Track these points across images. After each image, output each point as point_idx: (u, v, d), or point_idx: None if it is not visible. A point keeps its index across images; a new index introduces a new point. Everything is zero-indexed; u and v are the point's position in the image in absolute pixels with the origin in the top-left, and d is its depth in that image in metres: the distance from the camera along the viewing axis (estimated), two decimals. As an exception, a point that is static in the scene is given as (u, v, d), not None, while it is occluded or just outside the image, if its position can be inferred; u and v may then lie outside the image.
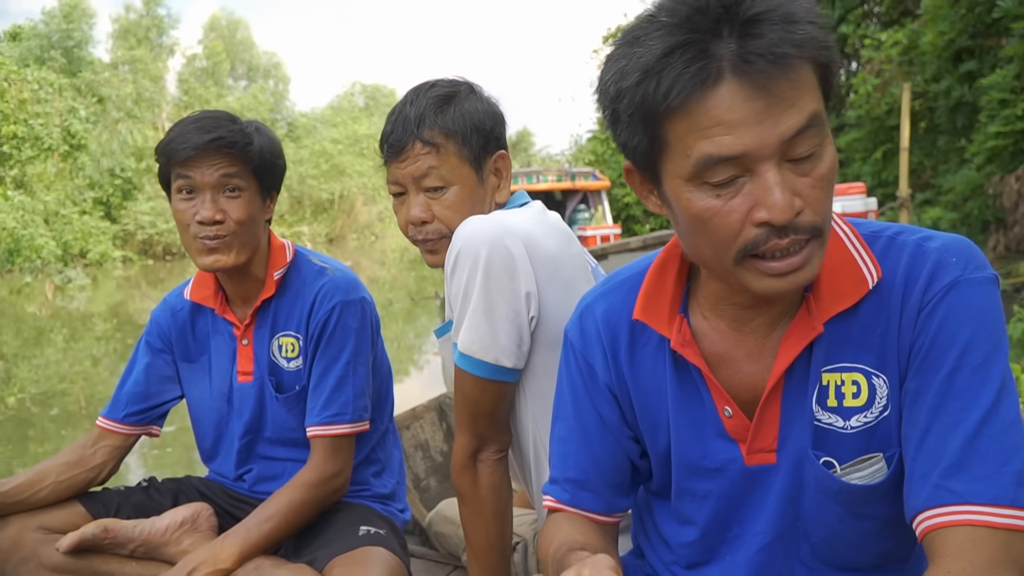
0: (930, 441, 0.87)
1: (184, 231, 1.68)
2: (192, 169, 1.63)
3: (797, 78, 0.81)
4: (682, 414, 1.05)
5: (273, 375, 1.78)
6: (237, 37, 48.35)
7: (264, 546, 1.61)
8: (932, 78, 10.86)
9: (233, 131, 1.65)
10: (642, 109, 0.84)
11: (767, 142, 0.81)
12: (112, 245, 29.06)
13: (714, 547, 1.08)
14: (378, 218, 45.77)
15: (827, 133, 0.85)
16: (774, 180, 0.82)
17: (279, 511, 1.63)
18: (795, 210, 0.83)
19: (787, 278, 0.87)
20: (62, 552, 1.62)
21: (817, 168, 0.84)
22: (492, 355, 1.35)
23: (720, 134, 0.81)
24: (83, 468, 1.77)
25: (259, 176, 1.69)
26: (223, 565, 1.55)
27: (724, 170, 0.83)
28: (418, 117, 1.47)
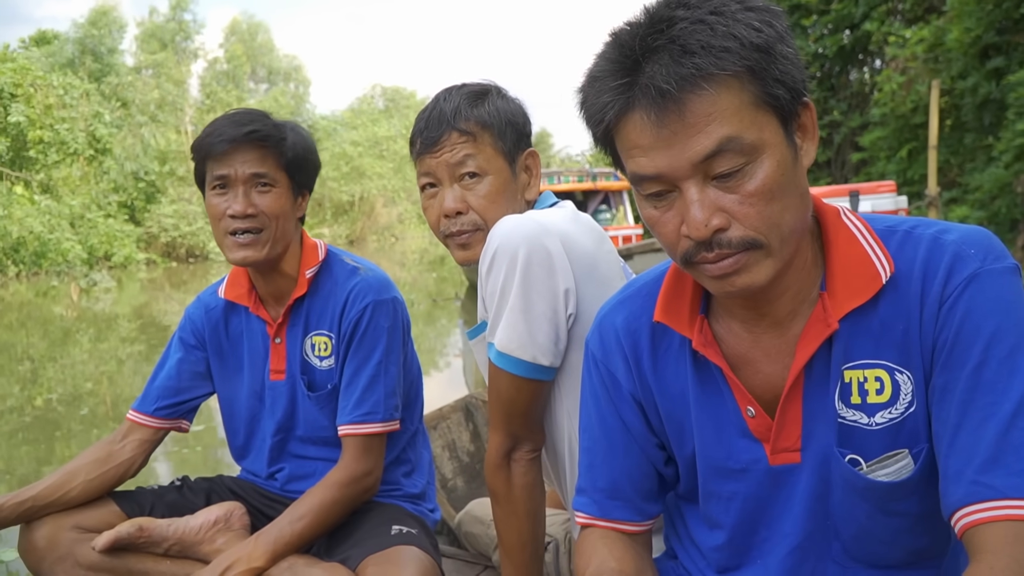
0: (962, 437, 0.86)
1: (216, 226, 1.69)
2: (226, 164, 1.65)
3: (704, 107, 0.83)
4: (705, 415, 1.05)
5: (305, 374, 1.78)
6: (258, 40, 48.80)
7: (297, 545, 1.62)
8: (958, 75, 10.73)
9: (267, 125, 1.67)
10: (591, 128, 0.93)
11: (677, 165, 0.86)
12: (136, 248, 29.37)
13: (743, 551, 1.08)
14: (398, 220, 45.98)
15: (762, 151, 0.85)
16: (692, 198, 0.86)
17: (311, 510, 1.64)
18: (712, 227, 0.86)
19: (727, 280, 0.89)
20: (98, 551, 1.64)
21: (745, 185, 0.85)
22: (529, 353, 1.34)
23: (638, 155, 0.88)
24: (112, 464, 1.78)
25: (291, 172, 1.71)
26: (257, 563, 1.56)
27: (651, 186, 0.89)
28: (453, 111, 1.48)
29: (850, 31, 14.23)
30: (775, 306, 0.98)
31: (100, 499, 1.76)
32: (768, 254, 0.88)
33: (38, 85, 26.16)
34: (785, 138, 0.88)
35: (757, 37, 0.83)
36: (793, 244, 0.91)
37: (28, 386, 8.42)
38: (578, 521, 1.15)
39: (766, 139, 0.86)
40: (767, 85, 0.85)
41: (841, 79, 15.05)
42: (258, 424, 1.86)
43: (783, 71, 0.85)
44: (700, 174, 0.86)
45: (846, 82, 15.06)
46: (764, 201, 0.86)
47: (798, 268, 0.96)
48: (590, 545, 1.11)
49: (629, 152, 0.90)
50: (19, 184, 25.83)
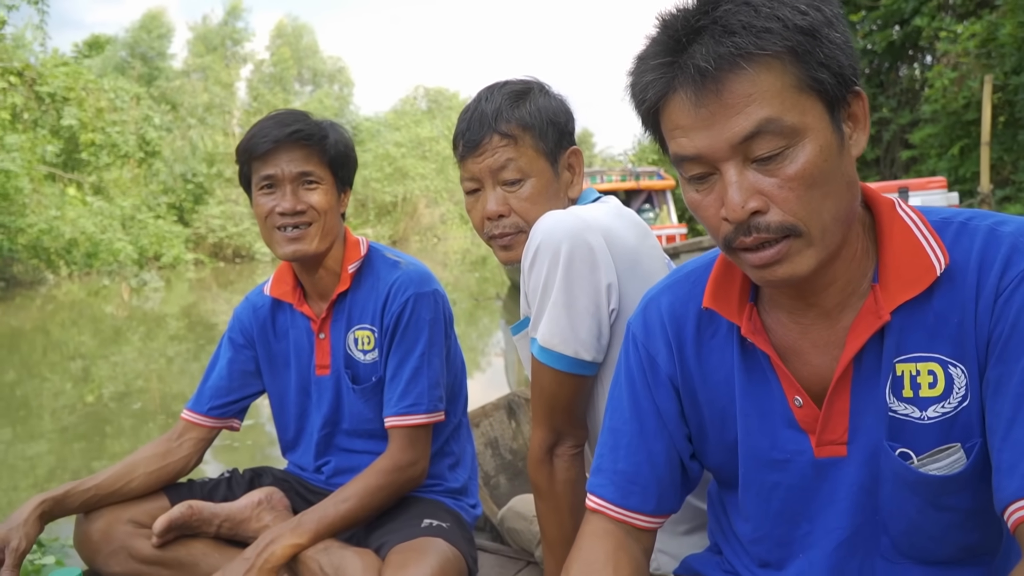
0: (1017, 431, 0.85)
1: (264, 224, 1.73)
2: (272, 164, 1.69)
3: (744, 87, 0.84)
4: (750, 404, 1.04)
5: (349, 368, 1.82)
6: (303, 43, 49.39)
7: (340, 526, 1.67)
8: (1012, 70, 10.44)
9: (310, 124, 1.71)
10: (638, 111, 0.94)
11: (716, 145, 0.86)
12: (184, 248, 29.96)
13: (784, 544, 1.07)
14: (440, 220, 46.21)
15: (804, 135, 0.85)
16: (730, 180, 0.87)
17: (356, 494, 1.68)
18: (748, 210, 0.86)
19: (768, 270, 0.89)
20: (157, 533, 1.69)
21: (784, 169, 0.85)
22: (572, 348, 1.35)
23: (679, 136, 0.89)
24: (171, 460, 1.84)
25: (334, 169, 1.75)
26: (300, 540, 1.62)
27: (693, 167, 0.90)
28: (495, 112, 1.48)
29: (900, 27, 13.94)
30: (822, 297, 0.97)
31: (153, 494, 1.82)
32: (809, 243, 0.88)
33: (90, 89, 26.82)
34: (831, 124, 0.87)
35: (802, 19, 0.83)
36: (838, 234, 0.90)
37: (79, 384, 8.65)
38: (589, 505, 1.12)
39: (808, 123, 0.85)
40: (811, 68, 0.84)
41: (890, 75, 14.74)
42: (307, 419, 1.90)
43: (828, 55, 0.84)
44: (740, 156, 0.86)
45: (895, 78, 14.75)
46: (804, 186, 0.85)
47: (847, 259, 0.95)
48: (588, 547, 1.08)
49: (671, 133, 0.90)
50: (72, 186, 26.51)
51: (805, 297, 0.98)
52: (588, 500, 1.13)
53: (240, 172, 1.78)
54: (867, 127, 0.93)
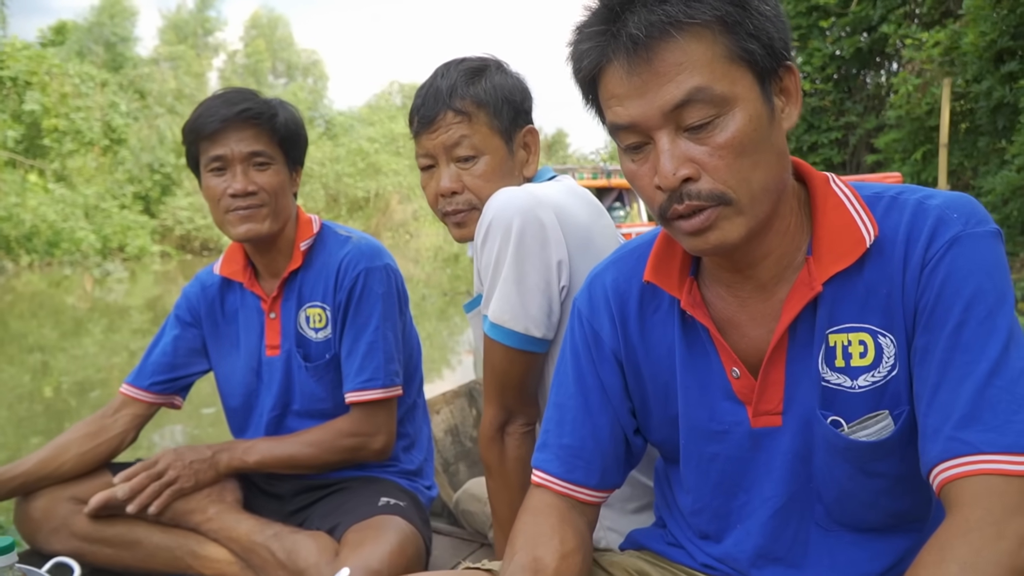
0: (941, 395, 0.87)
1: (215, 206, 1.71)
2: (220, 144, 1.67)
3: (675, 55, 0.86)
4: (690, 376, 1.06)
5: (301, 347, 1.80)
6: (277, 35, 48.91)
7: (286, 463, 1.74)
8: (973, 79, 10.66)
9: (258, 103, 1.69)
10: (577, 83, 0.96)
11: (649, 113, 0.88)
12: (150, 239, 29.53)
13: (723, 515, 1.09)
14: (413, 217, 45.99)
15: (734, 104, 0.87)
16: (663, 148, 0.89)
17: (310, 441, 1.74)
18: (679, 177, 0.88)
19: (700, 238, 0.91)
20: (88, 513, 1.67)
21: (715, 137, 0.87)
22: (522, 324, 1.36)
23: (614, 105, 0.91)
24: (105, 437, 1.81)
25: (285, 148, 1.73)
26: (248, 459, 1.74)
27: (627, 137, 0.92)
28: (450, 88, 1.49)
29: (867, 34, 14.14)
30: (758, 269, 0.99)
31: (97, 470, 1.79)
32: (738, 211, 0.90)
33: (53, 74, 26.32)
34: (761, 95, 0.90)
35: None
36: (767, 203, 0.92)
37: (38, 376, 8.48)
38: (534, 480, 1.13)
39: (738, 93, 0.88)
40: (740, 39, 0.87)
41: (857, 81, 14.96)
42: (256, 400, 1.88)
43: (758, 26, 0.87)
44: (672, 124, 0.88)
45: (862, 84, 14.97)
46: (734, 154, 0.88)
47: (781, 232, 0.97)
48: (532, 522, 1.08)
49: (607, 103, 0.92)
50: (33, 172, 25.99)
51: (742, 270, 1.00)
52: (533, 475, 1.14)
53: (187, 153, 1.75)
54: (799, 101, 0.95)
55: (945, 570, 0.77)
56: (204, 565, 1.67)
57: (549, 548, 1.04)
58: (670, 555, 1.18)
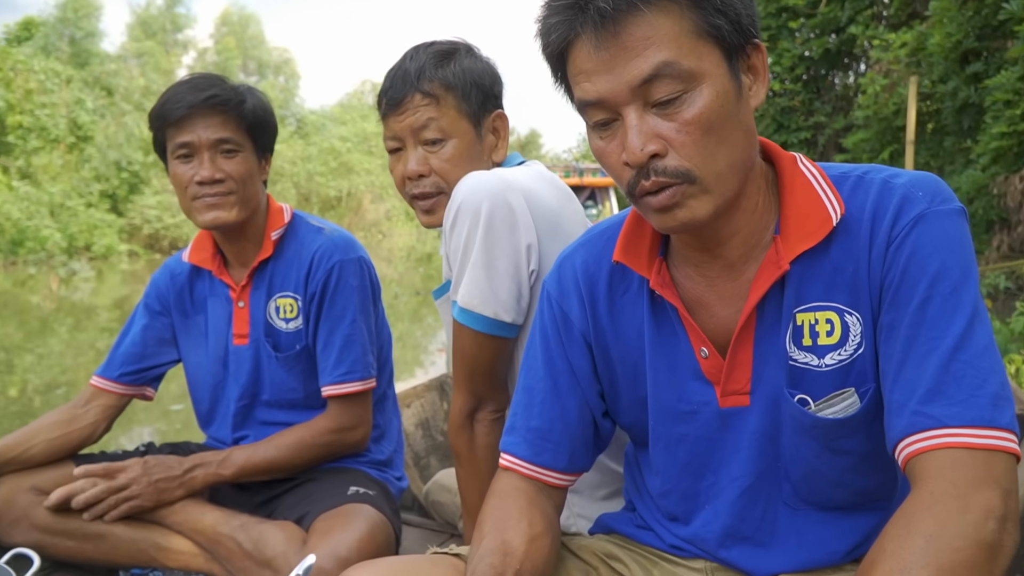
0: (906, 371, 0.88)
1: (183, 194, 1.69)
2: (187, 131, 1.64)
3: (642, 30, 0.86)
4: (659, 357, 1.06)
5: (270, 337, 1.79)
6: (248, 32, 48.45)
7: (267, 470, 1.70)
8: (939, 79, 10.84)
9: (226, 89, 1.67)
10: (546, 60, 0.95)
11: (617, 88, 0.88)
12: (118, 238, 29.10)
13: (691, 496, 1.09)
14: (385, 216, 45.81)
15: (701, 80, 0.88)
16: (631, 124, 0.89)
17: (288, 443, 1.70)
18: (647, 153, 0.88)
19: (667, 215, 0.92)
20: (50, 506, 1.63)
21: (683, 113, 0.88)
22: (491, 309, 1.35)
23: (582, 81, 0.91)
24: (75, 427, 1.78)
25: (253, 135, 1.71)
26: (224, 472, 1.68)
27: (596, 113, 0.92)
28: (418, 70, 1.48)
29: (836, 35, 14.33)
30: (726, 248, 0.99)
31: (60, 461, 1.76)
32: (704, 189, 0.90)
33: (18, 70, 25.85)
34: (728, 71, 0.90)
35: None
36: (733, 181, 0.93)
37: (3, 376, 8.32)
38: (502, 463, 1.12)
39: (706, 69, 0.88)
40: (708, 14, 0.87)
41: (826, 82, 15.17)
42: (223, 390, 1.86)
43: (725, 2, 0.87)
44: (640, 100, 0.88)
45: (831, 85, 15.18)
46: (701, 131, 0.88)
47: (749, 211, 0.98)
48: (500, 506, 1.07)
49: (576, 79, 0.92)
50: (-2, 170, 25.53)
51: (710, 248, 1.00)
52: (501, 458, 1.13)
53: (154, 139, 1.72)
54: (766, 79, 0.96)
55: (911, 542, 0.78)
56: (169, 557, 1.65)
57: (518, 531, 1.03)
58: (639, 537, 1.18)
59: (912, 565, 0.76)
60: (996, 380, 0.85)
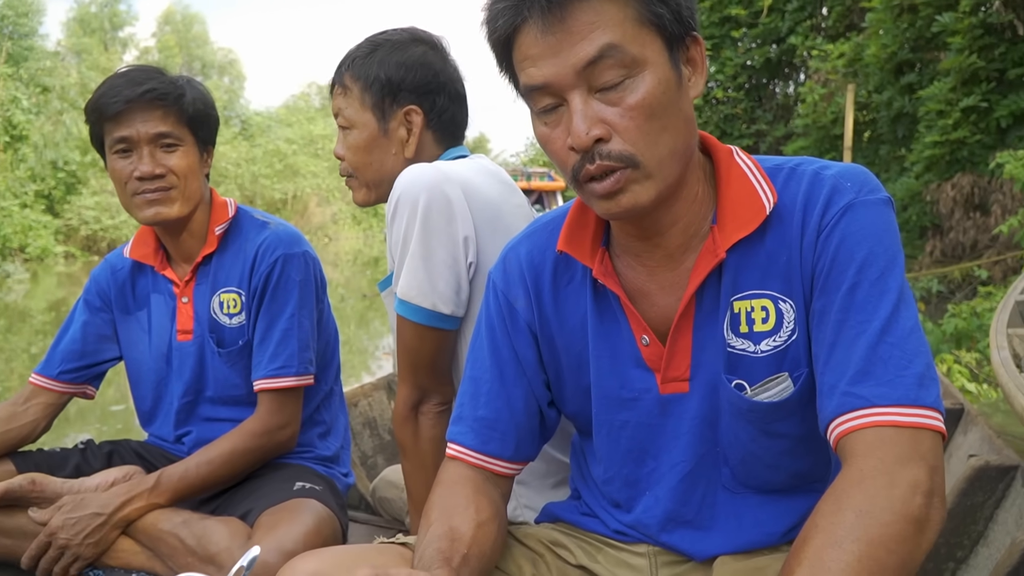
0: (837, 354, 0.91)
1: (122, 190, 1.65)
2: (126, 125, 1.61)
3: (587, 15, 0.89)
4: (602, 346, 1.08)
5: (214, 332, 1.76)
6: (192, 32, 47.54)
7: (201, 488, 1.62)
8: (875, 89, 11.20)
9: (164, 82, 1.64)
10: (492, 47, 0.97)
11: (563, 72, 0.90)
12: (54, 240, 28.22)
13: (633, 483, 1.11)
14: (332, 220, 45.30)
15: (644, 66, 0.91)
16: (576, 108, 0.91)
17: (221, 455, 1.64)
18: (592, 137, 0.90)
19: (612, 200, 0.94)
20: None
21: (626, 98, 0.90)
22: (430, 301, 1.36)
23: (528, 66, 0.92)
24: (14, 424, 1.74)
25: (194, 129, 1.69)
26: (157, 500, 1.58)
27: (541, 99, 0.93)
28: (348, 60, 1.55)
29: (776, 45, 14.71)
30: (666, 237, 1.02)
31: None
32: (647, 175, 0.92)
33: (-50, 67, 24.91)
34: (669, 61, 0.93)
35: None
36: (675, 168, 0.95)
37: (-71, 380, 8.01)
38: (449, 453, 1.14)
39: (648, 56, 0.91)
40: (650, 3, 0.90)
41: (767, 90, 15.56)
42: (165, 387, 1.83)
43: None
44: (584, 84, 0.90)
45: (772, 93, 15.57)
46: (644, 116, 0.90)
47: (688, 201, 1.00)
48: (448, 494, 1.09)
49: (521, 65, 0.94)
50: (-73, 170, 24.53)
51: (651, 237, 1.02)
52: (448, 448, 1.14)
53: (91, 133, 1.68)
54: (704, 71, 0.99)
55: (841, 518, 0.80)
56: (109, 556, 1.61)
57: (465, 517, 1.04)
58: (584, 524, 1.20)
59: (843, 539, 0.79)
60: (921, 361, 0.88)
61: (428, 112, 1.55)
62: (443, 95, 1.56)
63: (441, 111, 1.56)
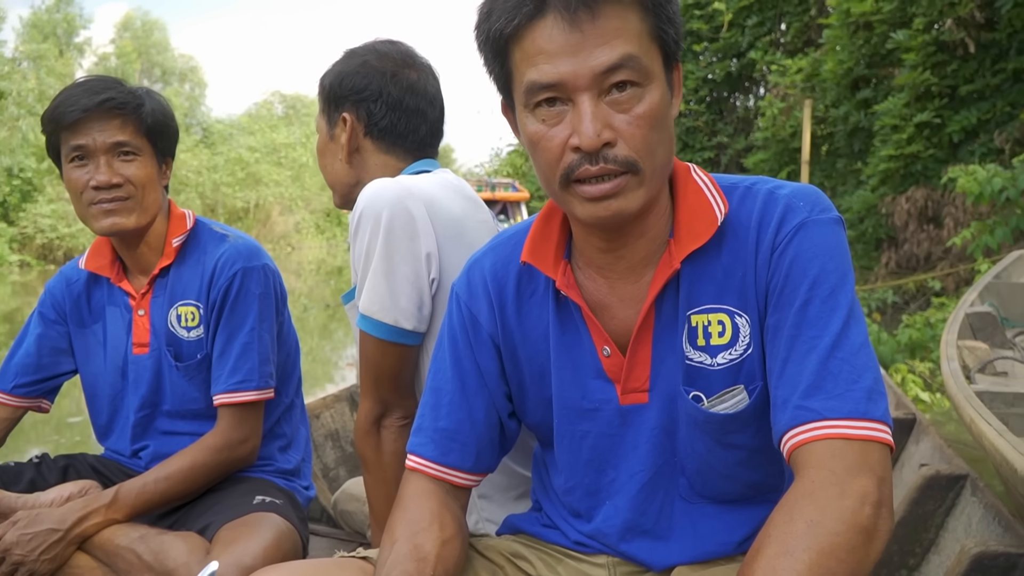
0: (790, 368, 0.94)
1: (78, 200, 1.63)
2: (82, 134, 1.59)
3: (615, 21, 0.90)
4: (564, 357, 1.10)
5: (171, 345, 1.74)
6: (152, 38, 46.92)
7: (159, 503, 1.60)
8: (832, 104, 11.45)
9: (123, 92, 1.62)
10: (489, 40, 0.96)
11: (580, 73, 0.90)
12: (8, 248, 27.58)
13: (593, 492, 1.13)
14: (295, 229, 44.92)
15: (652, 79, 0.93)
16: (586, 110, 0.91)
17: (179, 470, 1.62)
18: (603, 140, 0.91)
19: (602, 204, 0.94)
20: None
21: (635, 108, 0.92)
22: (392, 316, 1.37)
23: (542, 62, 0.91)
24: None
25: (152, 139, 1.67)
26: (115, 516, 1.55)
27: (543, 95, 0.93)
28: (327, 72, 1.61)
29: (737, 59, 14.98)
30: (631, 249, 1.04)
31: None
32: (641, 182, 0.94)
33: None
34: (665, 79, 0.96)
35: None
36: (663, 180, 0.98)
37: None
38: (409, 465, 1.14)
39: (655, 71, 0.94)
40: (661, 21, 0.93)
41: (728, 104, 15.82)
42: (121, 401, 1.80)
43: (673, 13, 0.94)
44: (596, 88, 0.91)
45: (733, 107, 15.84)
46: (649, 126, 0.93)
47: (657, 214, 1.03)
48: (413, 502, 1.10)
49: (532, 59, 0.92)
50: None
51: (616, 249, 1.04)
52: (408, 460, 1.14)
53: (48, 143, 1.66)
54: (679, 96, 1.02)
55: (793, 528, 0.83)
56: (65, 572, 1.57)
57: (429, 535, 1.05)
58: (545, 536, 1.21)
59: (794, 549, 0.81)
60: (870, 375, 0.91)
61: (364, 119, 1.56)
62: (379, 103, 1.55)
63: (377, 119, 1.55)
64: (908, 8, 9.76)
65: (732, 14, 14.47)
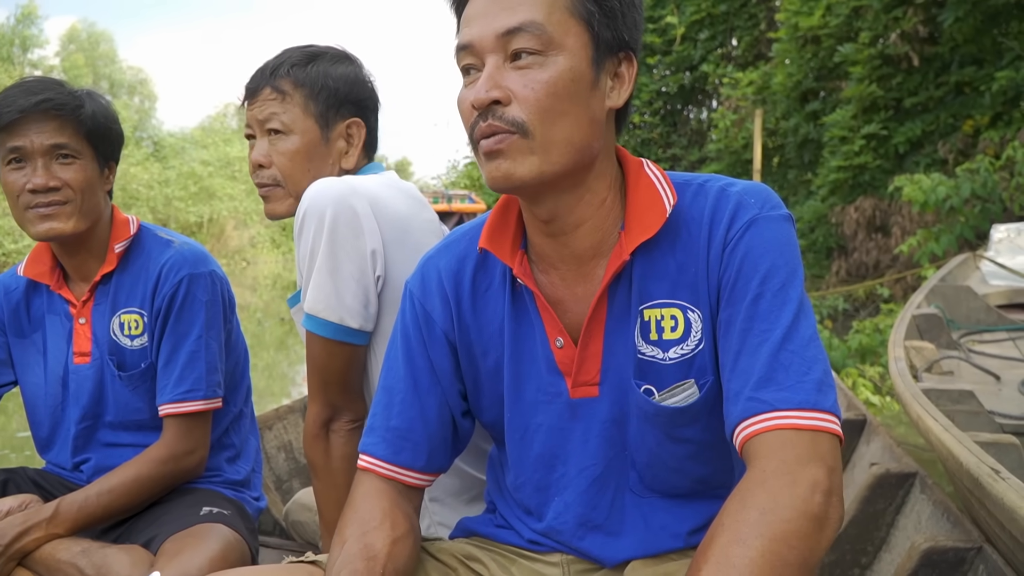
0: (741, 362, 0.95)
1: (15, 203, 1.58)
2: (19, 136, 1.55)
3: None
4: (518, 350, 1.10)
5: (114, 355, 1.69)
6: (100, 50, 46.07)
7: (102, 517, 1.55)
8: (782, 116, 11.70)
9: (62, 93, 1.58)
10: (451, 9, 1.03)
11: (484, 34, 0.95)
12: (-51, 266, 26.78)
13: (543, 488, 1.12)
14: (250, 243, 44.32)
15: (559, 51, 0.95)
16: (486, 71, 0.96)
17: (123, 483, 1.57)
18: (491, 97, 0.94)
19: (493, 163, 0.96)
20: None
21: (533, 72, 0.94)
22: (337, 315, 1.35)
23: (463, 26, 0.99)
24: None
25: (93, 142, 1.62)
26: (56, 530, 1.50)
27: (464, 58, 0.99)
28: (276, 66, 1.52)
29: (690, 72, 15.24)
30: (573, 239, 1.04)
31: None
32: (532, 149, 0.95)
33: None
34: (591, 60, 0.97)
35: None
36: (566, 156, 0.97)
37: None
38: (361, 465, 1.13)
39: (568, 44, 0.95)
40: (590, 2, 0.95)
41: (682, 116, 16.07)
42: (62, 413, 1.74)
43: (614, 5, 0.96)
44: (501, 52, 0.95)
45: (686, 119, 16.09)
46: (546, 92, 0.94)
47: (595, 205, 1.03)
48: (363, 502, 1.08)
49: (462, 25, 0.99)
50: None
51: (557, 236, 1.04)
52: (360, 459, 1.13)
53: None
54: (630, 89, 1.03)
55: (745, 516, 0.84)
56: None
57: (380, 533, 1.03)
58: (499, 537, 1.20)
59: (747, 536, 0.82)
60: (820, 368, 0.93)
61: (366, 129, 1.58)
62: (374, 114, 1.60)
63: (372, 128, 1.60)
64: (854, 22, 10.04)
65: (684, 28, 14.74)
